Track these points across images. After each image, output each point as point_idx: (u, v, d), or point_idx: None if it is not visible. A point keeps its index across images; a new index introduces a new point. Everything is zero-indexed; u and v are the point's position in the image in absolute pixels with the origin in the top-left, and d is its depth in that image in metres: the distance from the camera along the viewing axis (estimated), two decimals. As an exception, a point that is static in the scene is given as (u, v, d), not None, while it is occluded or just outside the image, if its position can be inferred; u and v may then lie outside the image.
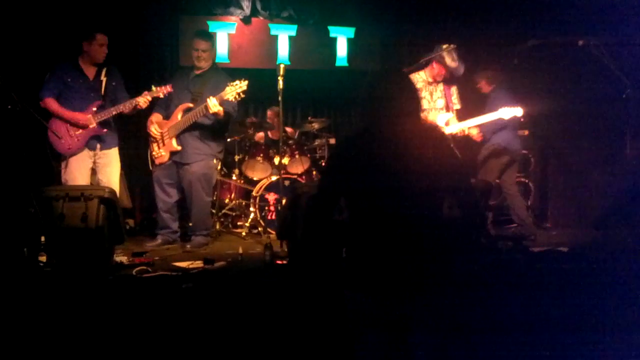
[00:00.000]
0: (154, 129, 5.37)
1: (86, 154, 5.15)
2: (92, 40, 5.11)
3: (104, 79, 5.22)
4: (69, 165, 5.06)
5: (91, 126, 5.09)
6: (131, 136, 6.01)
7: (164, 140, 5.36)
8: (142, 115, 5.50)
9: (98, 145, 5.20)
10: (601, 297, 3.68)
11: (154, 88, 5.25)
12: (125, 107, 5.16)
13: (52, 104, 5.05)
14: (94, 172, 5.24)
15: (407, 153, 2.35)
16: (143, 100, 5.17)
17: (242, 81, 5.12)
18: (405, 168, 2.34)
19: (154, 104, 5.42)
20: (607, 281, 3.84)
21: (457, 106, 5.72)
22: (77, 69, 5.17)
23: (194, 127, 5.32)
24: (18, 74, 5.50)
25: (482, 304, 3.47)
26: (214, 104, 5.07)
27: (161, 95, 5.25)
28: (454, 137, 5.53)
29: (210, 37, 5.67)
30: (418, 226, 2.32)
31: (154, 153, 5.43)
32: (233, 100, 5.15)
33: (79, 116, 5.06)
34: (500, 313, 3.52)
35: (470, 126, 5.62)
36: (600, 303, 3.63)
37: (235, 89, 5.09)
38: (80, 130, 5.08)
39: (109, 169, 5.26)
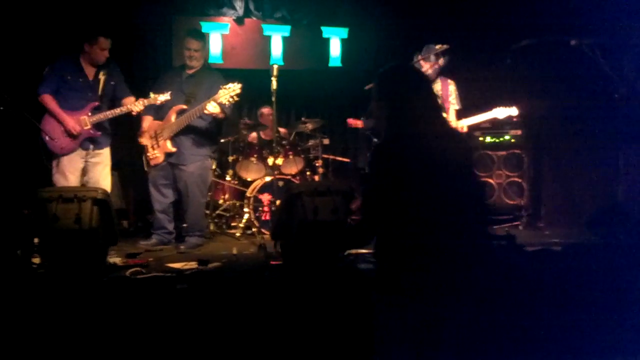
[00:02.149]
0: (145, 140, 5.38)
1: (78, 154, 5.15)
2: (94, 43, 5.09)
3: (102, 77, 5.22)
4: (61, 164, 5.07)
5: (86, 128, 5.09)
6: (124, 136, 5.99)
7: (158, 141, 5.36)
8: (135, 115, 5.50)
9: (91, 146, 5.20)
10: (594, 296, 3.70)
11: (152, 95, 5.23)
12: (120, 111, 5.17)
13: (49, 101, 5.03)
14: (84, 171, 5.23)
15: (437, 154, 2.35)
16: (137, 108, 5.17)
17: (235, 84, 5.11)
18: (436, 169, 2.34)
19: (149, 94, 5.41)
20: (600, 281, 3.86)
21: (456, 106, 5.72)
22: (78, 66, 5.15)
23: (188, 128, 5.31)
24: (17, 68, 5.51)
25: (474, 304, 3.48)
26: (213, 107, 5.08)
27: (158, 103, 5.23)
28: None
29: (202, 37, 5.65)
30: (448, 229, 2.32)
31: (148, 154, 5.42)
32: (227, 103, 5.14)
33: (72, 122, 5.03)
34: (493, 312, 3.53)
35: (468, 125, 5.65)
36: (593, 303, 3.64)
37: (229, 92, 5.08)
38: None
39: (100, 167, 5.25)
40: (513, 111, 5.58)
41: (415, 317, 2.34)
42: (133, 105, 5.17)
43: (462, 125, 5.60)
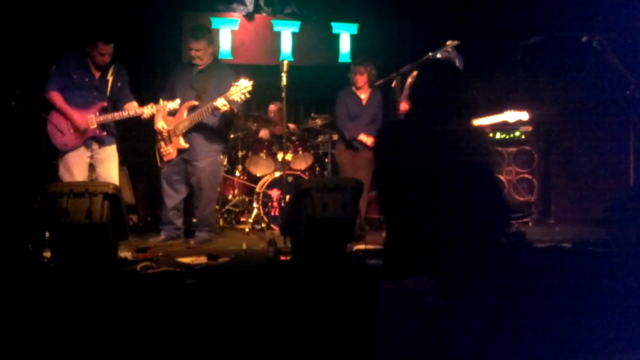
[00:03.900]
0: (161, 126, 5.36)
1: (83, 151, 5.11)
2: (94, 47, 5.01)
3: (110, 78, 5.17)
4: (66, 160, 5.04)
5: (92, 127, 5.06)
6: (134, 132, 6.01)
7: (170, 137, 5.36)
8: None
9: (96, 145, 5.17)
10: (604, 294, 3.69)
11: (161, 102, 5.22)
12: (128, 114, 5.14)
13: (57, 98, 4.99)
14: (92, 167, 5.21)
15: (446, 154, 2.36)
16: (148, 113, 5.16)
17: (247, 81, 5.09)
18: (441, 165, 2.35)
19: (157, 99, 5.41)
20: (610, 278, 3.84)
21: None
22: (84, 65, 5.09)
23: (200, 124, 5.31)
24: (24, 64, 5.51)
25: (484, 300, 3.48)
26: (222, 104, 5.07)
27: (167, 110, 5.23)
28: None
29: (204, 36, 5.46)
30: (457, 224, 2.33)
31: (161, 150, 5.42)
32: (238, 100, 5.13)
33: (79, 118, 5.00)
34: (502, 308, 3.53)
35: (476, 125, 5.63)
36: (603, 299, 3.63)
37: (240, 90, 5.06)
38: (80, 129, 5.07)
39: (107, 164, 5.22)
40: (524, 115, 5.55)
41: (422, 308, 2.35)
42: (145, 108, 5.14)
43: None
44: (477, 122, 5.63)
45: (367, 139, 5.82)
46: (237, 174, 6.71)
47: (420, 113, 2.48)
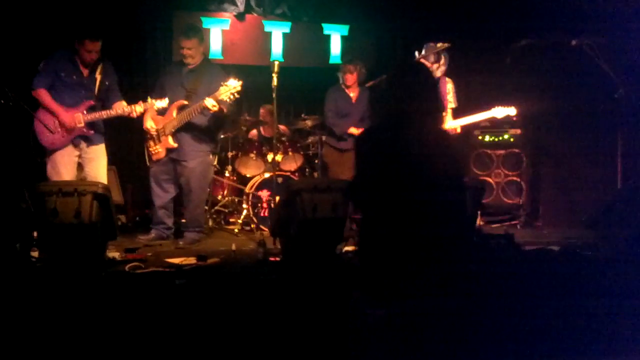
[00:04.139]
0: (150, 125, 5.34)
1: (71, 150, 5.07)
2: (81, 44, 4.97)
3: (98, 76, 5.13)
4: (53, 159, 5.01)
5: (79, 126, 5.03)
6: (123, 131, 5.98)
7: (159, 137, 5.34)
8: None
9: (83, 143, 5.13)
10: (592, 296, 3.70)
11: (149, 100, 5.19)
12: (116, 112, 5.10)
13: (44, 96, 4.95)
14: (80, 166, 5.17)
15: (424, 153, 2.38)
16: (137, 112, 5.13)
17: (236, 81, 5.10)
18: (420, 166, 2.36)
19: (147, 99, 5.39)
20: (597, 281, 3.87)
21: (453, 104, 5.72)
22: (72, 63, 5.06)
23: (190, 124, 5.30)
24: (12, 61, 5.47)
25: (472, 303, 3.49)
26: (212, 105, 5.07)
27: (155, 108, 5.22)
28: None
29: (196, 34, 5.49)
30: (430, 224, 2.34)
31: (150, 149, 5.40)
32: (227, 100, 5.13)
33: (66, 116, 4.96)
34: (490, 312, 3.54)
35: (463, 124, 5.66)
36: (590, 303, 3.65)
37: (229, 90, 5.07)
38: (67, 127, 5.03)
39: (95, 163, 5.18)
40: (511, 111, 5.59)
41: (399, 316, 2.36)
42: (132, 107, 5.12)
43: (457, 125, 5.61)
44: (465, 120, 5.66)
45: (357, 132, 5.82)
46: (227, 174, 6.70)
47: (395, 117, 2.50)
